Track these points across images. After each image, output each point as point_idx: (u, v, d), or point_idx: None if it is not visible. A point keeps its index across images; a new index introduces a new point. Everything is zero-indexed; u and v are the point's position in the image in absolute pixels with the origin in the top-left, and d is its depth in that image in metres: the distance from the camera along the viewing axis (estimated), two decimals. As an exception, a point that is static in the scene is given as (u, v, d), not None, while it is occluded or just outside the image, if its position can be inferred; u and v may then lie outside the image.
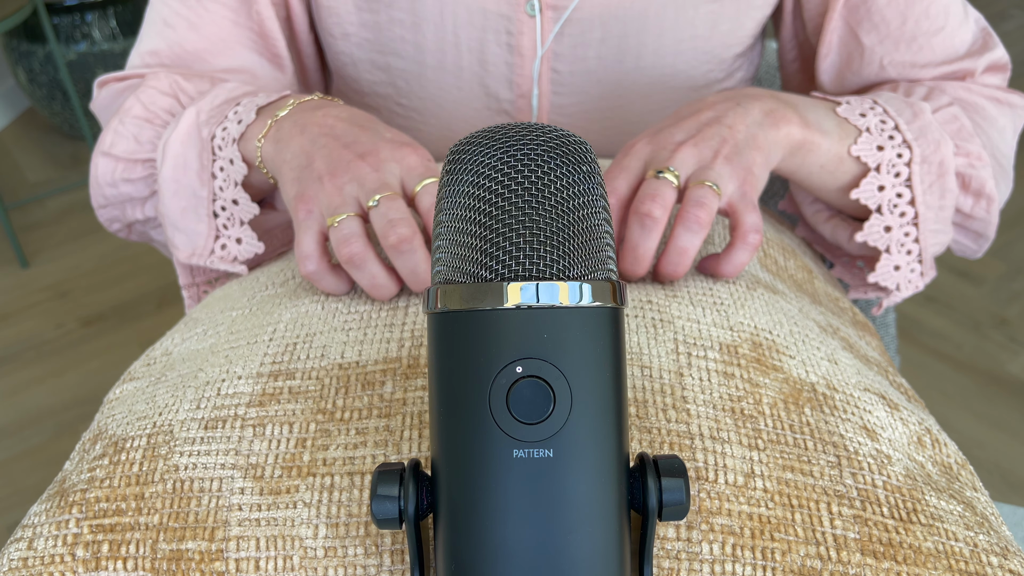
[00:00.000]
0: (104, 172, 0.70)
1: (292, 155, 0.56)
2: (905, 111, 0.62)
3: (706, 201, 0.52)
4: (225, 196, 0.63)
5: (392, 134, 0.56)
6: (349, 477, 0.42)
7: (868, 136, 0.60)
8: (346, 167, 0.53)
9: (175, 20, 0.71)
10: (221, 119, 0.62)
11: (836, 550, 0.40)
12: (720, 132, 0.56)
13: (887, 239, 0.62)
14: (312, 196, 0.53)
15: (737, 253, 0.54)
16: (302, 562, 0.40)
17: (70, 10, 2.36)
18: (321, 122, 0.57)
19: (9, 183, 2.52)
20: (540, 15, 0.69)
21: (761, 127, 0.57)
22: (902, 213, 0.61)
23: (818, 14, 0.72)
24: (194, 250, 0.65)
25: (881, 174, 0.60)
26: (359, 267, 0.51)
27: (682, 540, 0.40)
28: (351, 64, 0.76)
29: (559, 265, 0.33)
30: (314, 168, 0.54)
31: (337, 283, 0.53)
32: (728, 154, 0.55)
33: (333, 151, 0.54)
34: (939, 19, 0.68)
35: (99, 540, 0.42)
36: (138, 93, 0.69)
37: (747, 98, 0.59)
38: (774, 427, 0.45)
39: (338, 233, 0.51)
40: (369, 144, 0.54)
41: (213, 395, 0.48)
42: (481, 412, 0.32)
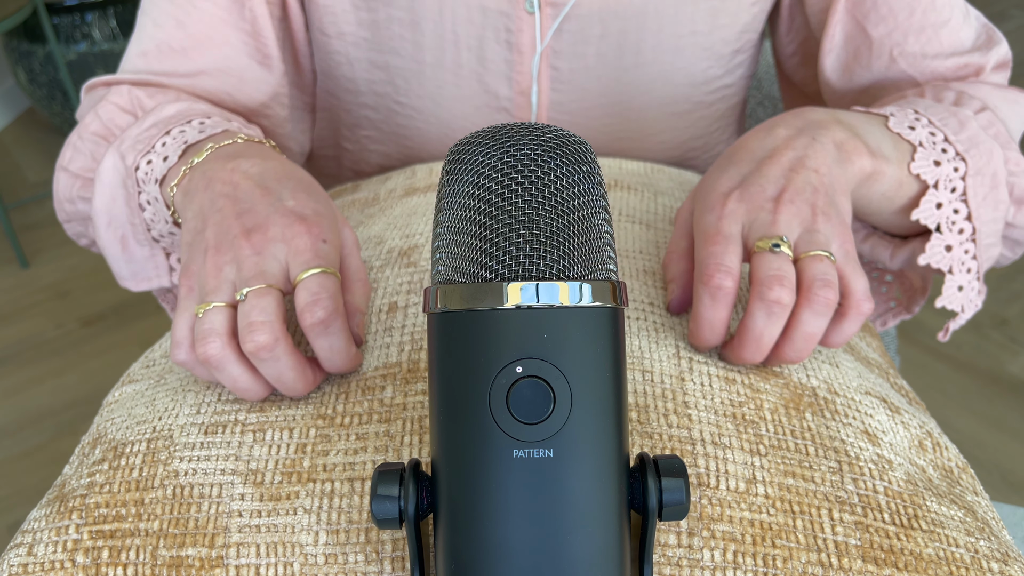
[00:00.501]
0: (63, 188, 0.68)
1: (192, 214, 0.52)
2: (950, 120, 0.59)
3: (831, 278, 0.47)
4: (158, 228, 0.60)
5: (296, 201, 0.51)
6: (349, 483, 0.42)
7: (923, 151, 0.56)
8: (230, 244, 0.48)
9: (163, 19, 0.70)
10: (147, 149, 0.59)
11: (837, 557, 0.40)
12: (809, 180, 0.51)
13: (949, 259, 0.58)
14: (195, 272, 0.49)
15: (849, 324, 0.49)
16: (302, 569, 0.40)
17: (70, 10, 2.36)
18: (227, 178, 0.52)
19: (9, 183, 2.52)
20: (539, 12, 0.69)
21: (839, 164, 0.53)
22: (960, 230, 0.58)
23: (821, 9, 0.71)
24: (147, 276, 0.64)
25: (939, 191, 0.57)
26: (217, 368, 0.46)
27: (683, 547, 0.40)
28: (346, 63, 0.75)
29: (559, 265, 0.33)
30: (204, 237, 0.49)
31: (209, 374, 0.48)
32: (824, 208, 0.50)
33: (225, 220, 0.49)
34: (945, 11, 0.68)
35: (99, 546, 0.42)
36: (97, 108, 0.67)
37: (817, 129, 0.54)
38: (775, 432, 0.45)
39: (199, 327, 0.46)
40: (261, 216, 0.49)
41: (213, 400, 0.48)
42: (481, 412, 0.32)
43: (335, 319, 0.46)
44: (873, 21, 0.68)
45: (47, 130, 2.73)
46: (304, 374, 0.46)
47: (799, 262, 0.48)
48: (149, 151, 0.59)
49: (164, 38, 0.70)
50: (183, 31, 0.70)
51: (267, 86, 0.73)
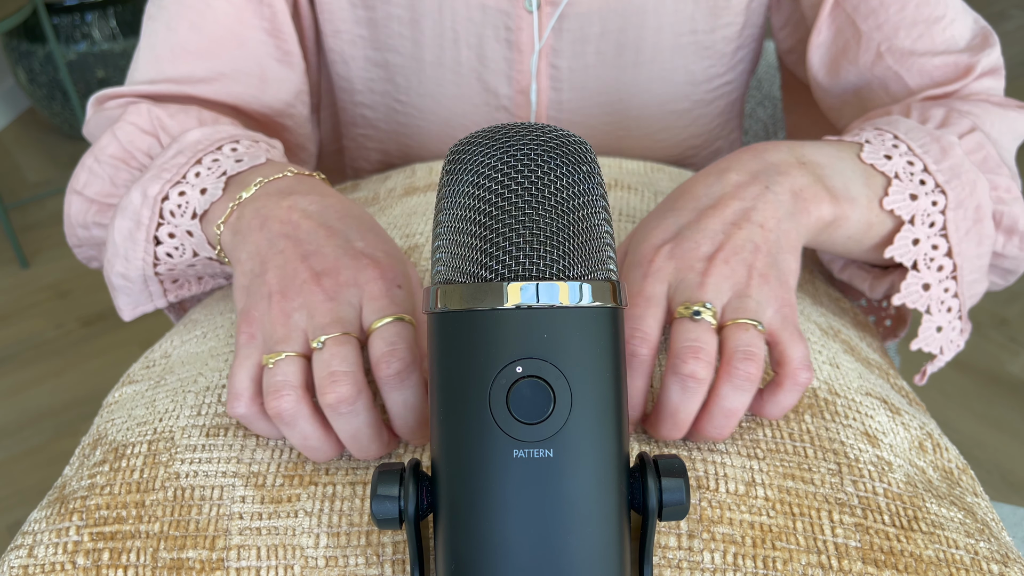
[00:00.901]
0: (77, 213, 0.64)
1: (247, 255, 0.48)
2: (932, 148, 0.55)
3: (754, 350, 0.43)
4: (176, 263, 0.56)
5: (365, 242, 0.47)
6: (351, 486, 0.42)
7: (899, 184, 0.53)
8: (298, 289, 0.44)
9: (176, 22, 0.67)
10: (177, 179, 0.55)
11: (837, 559, 0.40)
12: (752, 236, 0.47)
13: (927, 298, 0.54)
14: (257, 318, 0.45)
15: (785, 395, 0.45)
16: (303, 571, 0.40)
17: (70, 10, 2.36)
18: (285, 217, 0.48)
19: (9, 183, 2.52)
20: (539, 10, 0.69)
21: (792, 218, 0.49)
22: (939, 267, 0.54)
23: (814, 3, 0.70)
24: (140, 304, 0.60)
25: (916, 226, 0.53)
26: (288, 425, 0.42)
27: (683, 549, 0.40)
28: (341, 62, 0.75)
29: (559, 265, 0.33)
30: (265, 280, 0.46)
31: (271, 429, 0.45)
32: (763, 270, 0.46)
33: (289, 263, 0.46)
34: (939, 7, 0.65)
35: (100, 548, 0.42)
36: (115, 129, 0.63)
37: (773, 174, 0.50)
38: (773, 436, 0.45)
39: (270, 379, 0.42)
40: (331, 259, 0.45)
41: (214, 402, 0.48)
42: (481, 412, 0.32)
43: (413, 371, 0.42)
44: (863, 14, 0.66)
45: (47, 130, 2.73)
46: (380, 434, 0.43)
47: (723, 330, 0.44)
48: (180, 181, 0.54)
49: (179, 41, 0.66)
50: (199, 33, 0.66)
51: (291, 84, 0.71)
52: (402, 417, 0.43)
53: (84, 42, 2.40)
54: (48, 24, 2.10)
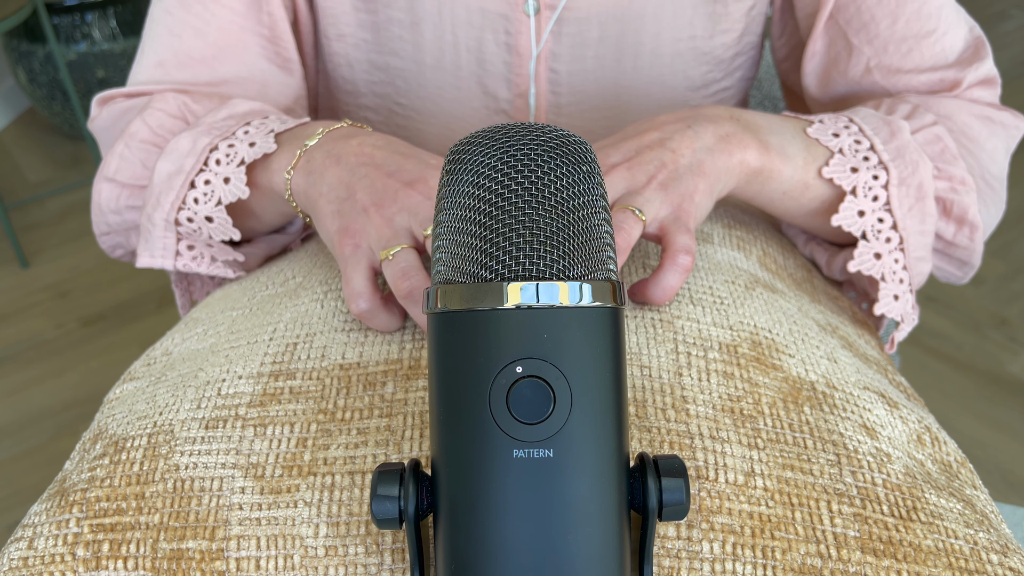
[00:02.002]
0: (108, 199, 0.66)
1: (329, 187, 0.53)
2: (882, 130, 0.59)
3: (624, 225, 0.49)
4: (199, 210, 0.59)
5: (436, 160, 0.53)
6: (350, 476, 0.42)
7: (840, 158, 0.57)
8: (393, 197, 0.50)
9: (180, 28, 0.68)
10: (227, 134, 0.59)
11: (836, 548, 0.40)
12: (660, 156, 0.53)
13: (880, 267, 0.58)
14: (359, 229, 0.50)
15: (666, 275, 0.49)
16: (303, 561, 0.40)
17: (70, 10, 2.36)
18: (358, 151, 0.53)
19: (9, 183, 2.52)
20: (538, 15, 0.69)
21: (710, 153, 0.54)
22: (887, 239, 0.58)
23: (809, 14, 0.71)
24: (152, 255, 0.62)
25: (858, 198, 0.57)
26: (418, 302, 0.47)
27: (682, 539, 0.40)
28: (346, 65, 0.76)
29: (559, 265, 0.33)
30: (357, 200, 0.51)
31: (390, 320, 0.49)
32: (664, 180, 0.52)
33: (377, 180, 0.51)
34: (930, 21, 0.66)
35: (99, 539, 0.42)
36: (144, 116, 0.65)
37: (702, 120, 0.55)
38: (774, 426, 0.45)
39: (394, 266, 0.47)
40: (415, 171, 0.51)
41: (214, 395, 0.48)
42: (481, 412, 0.32)
43: None
44: (855, 28, 0.67)
45: (47, 130, 2.73)
46: None
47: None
48: (230, 136, 0.59)
49: (183, 48, 0.68)
50: (203, 40, 0.68)
51: (290, 90, 0.72)
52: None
53: (84, 42, 2.40)
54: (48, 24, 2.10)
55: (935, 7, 0.66)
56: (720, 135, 0.55)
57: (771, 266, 0.61)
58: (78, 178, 2.51)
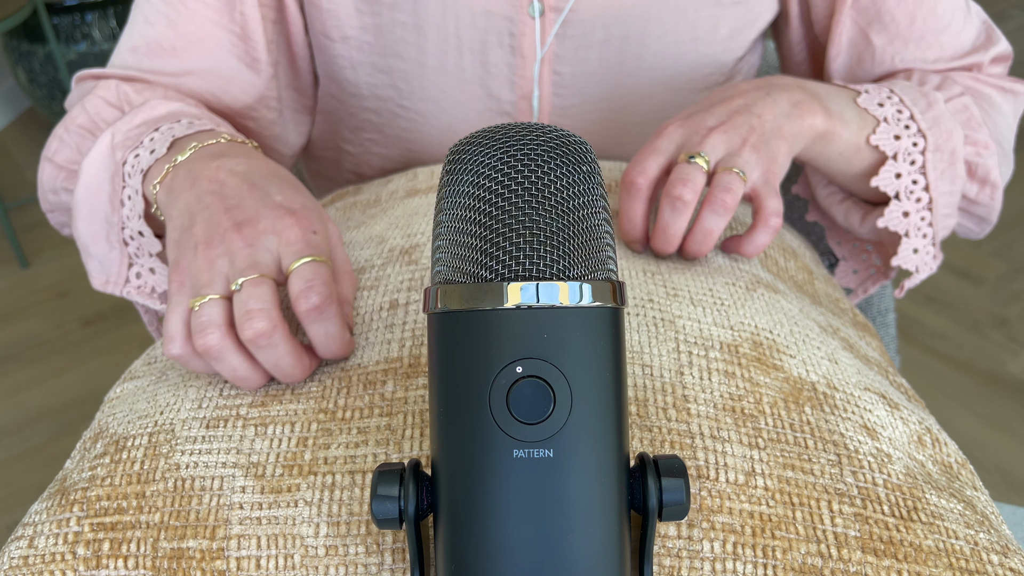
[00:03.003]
0: (48, 178, 0.69)
1: (178, 212, 0.53)
2: (920, 101, 0.64)
3: (733, 187, 0.55)
4: (131, 227, 0.60)
5: (283, 196, 0.52)
6: (350, 476, 0.42)
7: (886, 126, 0.62)
8: (221, 237, 0.49)
9: (155, 17, 0.70)
10: (136, 144, 0.60)
11: (837, 548, 0.40)
12: (749, 121, 0.58)
13: (906, 224, 0.65)
14: (185, 267, 0.49)
15: (759, 235, 0.57)
16: (303, 560, 0.40)
17: (70, 10, 2.36)
18: (213, 176, 0.53)
19: (9, 183, 2.52)
20: (542, 17, 0.69)
21: (788, 117, 0.59)
22: (918, 199, 0.64)
23: (825, 16, 0.73)
24: (108, 278, 0.63)
25: (898, 162, 0.63)
26: (217, 359, 0.46)
27: (683, 538, 0.40)
28: (349, 67, 0.75)
29: (559, 265, 0.33)
30: (193, 233, 0.50)
31: (206, 367, 0.48)
32: (755, 142, 0.57)
33: (214, 215, 0.50)
34: (945, 17, 0.70)
35: (100, 538, 0.42)
36: (84, 102, 0.68)
37: (776, 88, 0.61)
38: (774, 426, 0.45)
39: (196, 320, 0.47)
40: (251, 211, 0.50)
41: (215, 395, 0.48)
42: (481, 412, 0.32)
43: (330, 304, 0.47)
44: (876, 29, 0.71)
45: (47, 130, 2.73)
46: (301, 360, 0.47)
47: (713, 175, 0.56)
48: (137, 147, 0.60)
49: (155, 36, 0.70)
50: (174, 31, 0.70)
51: (253, 89, 0.73)
52: (325, 346, 0.47)
53: (84, 42, 2.40)
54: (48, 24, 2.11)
55: (948, 4, 0.70)
56: (793, 101, 0.60)
57: (772, 268, 0.62)
58: (78, 178, 2.51)
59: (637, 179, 0.57)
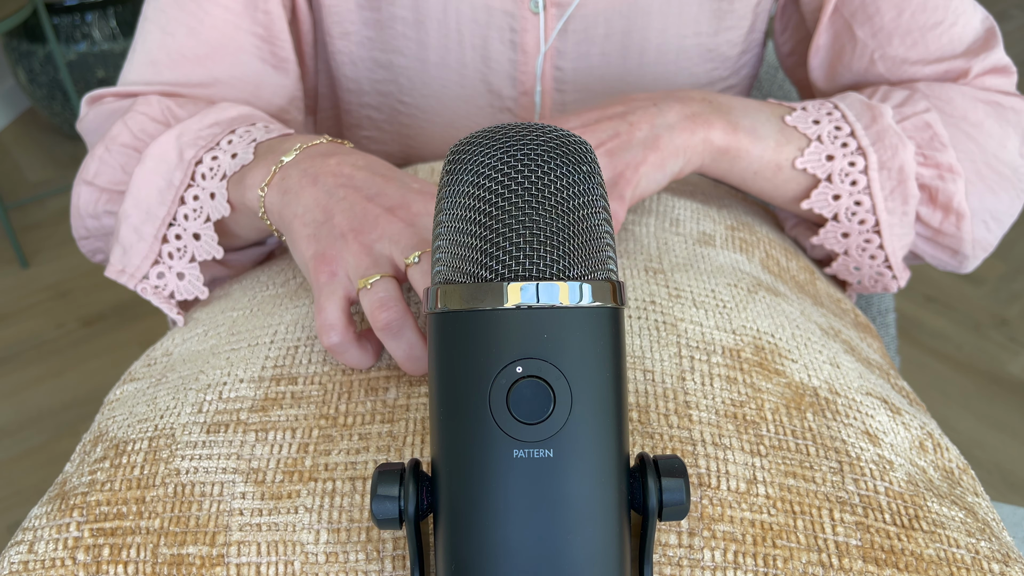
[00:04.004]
0: (87, 203, 0.65)
1: (305, 208, 0.50)
2: (864, 115, 0.60)
3: None
4: (188, 227, 0.57)
5: (419, 184, 0.51)
6: (351, 482, 0.42)
7: (818, 146, 0.59)
8: (374, 223, 0.47)
9: (173, 27, 0.67)
10: (211, 145, 0.58)
11: (838, 557, 0.40)
12: (616, 127, 0.55)
13: (845, 244, 0.62)
14: (335, 256, 0.48)
15: None
16: (303, 567, 0.40)
17: (70, 10, 2.36)
18: (336, 171, 0.51)
19: (9, 183, 2.52)
20: (544, 12, 0.69)
21: (671, 129, 0.56)
22: (861, 220, 0.60)
23: (815, 7, 0.71)
24: (124, 267, 0.59)
25: (834, 184, 0.59)
26: (396, 335, 0.45)
27: (684, 547, 0.40)
28: (350, 63, 0.75)
29: (559, 265, 0.33)
30: (335, 224, 0.48)
31: (363, 356, 0.47)
32: (612, 148, 0.54)
33: (356, 204, 0.49)
34: (937, 13, 0.65)
35: (100, 544, 0.42)
36: (126, 119, 0.64)
37: (671, 100, 0.57)
38: (776, 433, 0.45)
39: (372, 296, 0.45)
40: (397, 196, 0.49)
41: (215, 399, 0.48)
42: (481, 412, 0.32)
43: None
44: (860, 20, 0.67)
45: (47, 130, 2.73)
46: None
47: None
48: (214, 147, 0.57)
49: (176, 46, 0.67)
50: (196, 39, 0.67)
51: (284, 90, 0.71)
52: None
53: (84, 42, 2.40)
54: (48, 24, 2.10)
55: (942, 1, 0.65)
56: (686, 114, 0.56)
57: (774, 269, 0.61)
58: (78, 177, 2.51)
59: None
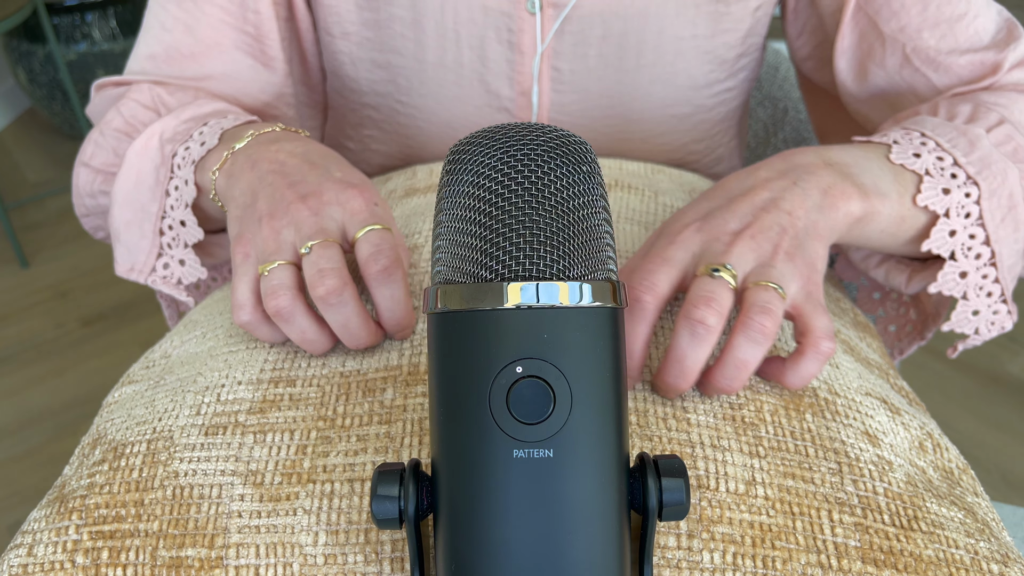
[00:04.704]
0: (84, 183, 0.71)
1: (240, 192, 0.54)
2: (960, 141, 0.57)
3: (772, 307, 0.44)
4: (174, 216, 0.61)
5: (343, 173, 0.53)
6: (349, 484, 0.42)
7: (930, 180, 0.54)
8: (285, 209, 0.50)
9: (172, 24, 0.71)
10: (185, 138, 0.62)
11: (837, 558, 0.40)
12: (779, 220, 0.49)
13: (963, 285, 0.56)
14: (249, 239, 0.51)
15: (807, 363, 0.46)
16: (302, 569, 0.40)
17: (70, 10, 2.36)
18: (272, 157, 0.55)
19: (9, 183, 2.52)
20: (540, 13, 0.69)
21: (821, 211, 0.51)
22: (977, 255, 0.55)
23: (835, 10, 0.70)
24: (133, 265, 0.64)
25: (951, 219, 0.54)
26: (287, 321, 0.48)
27: (683, 549, 0.40)
28: (350, 63, 0.76)
29: (559, 265, 0.33)
30: (256, 208, 0.52)
31: (273, 333, 0.51)
32: (789, 248, 0.48)
33: (277, 190, 0.52)
34: (960, 5, 0.65)
35: (99, 547, 0.42)
36: (119, 105, 0.69)
37: (802, 173, 0.52)
38: (775, 434, 0.45)
39: (267, 283, 0.48)
40: (314, 184, 0.52)
41: (213, 401, 0.48)
42: (481, 412, 0.32)
43: (397, 268, 0.48)
44: (885, 17, 0.66)
45: (47, 130, 2.73)
46: (368, 323, 0.48)
47: (744, 292, 0.46)
48: (187, 139, 0.62)
49: (173, 43, 0.71)
50: (192, 36, 0.71)
51: (271, 87, 0.74)
52: (390, 311, 0.49)
53: (84, 42, 2.40)
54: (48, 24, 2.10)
55: None
56: (822, 188, 0.51)
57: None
58: (78, 178, 2.51)
59: (644, 296, 0.46)
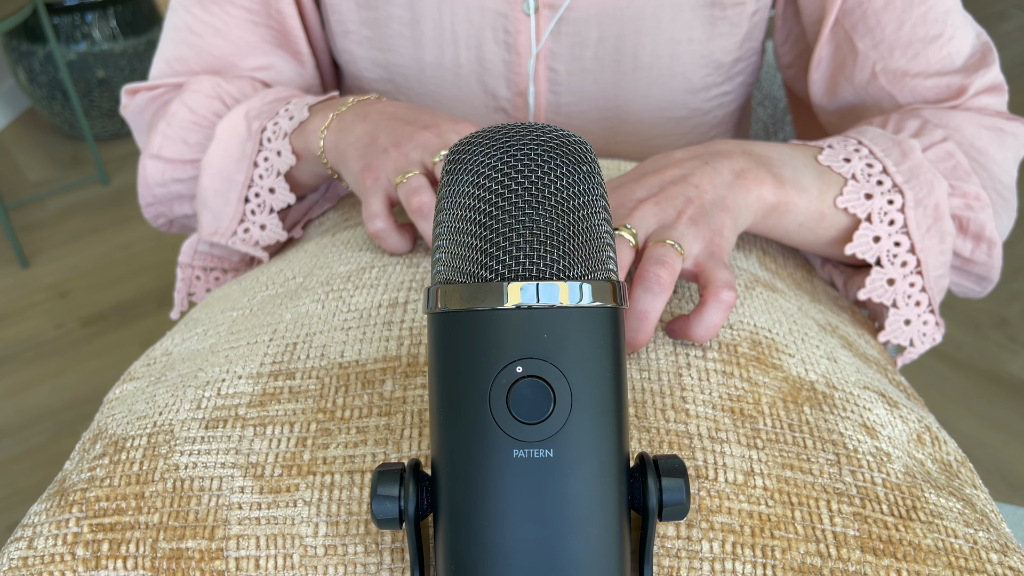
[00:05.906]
0: (154, 173, 0.75)
1: (356, 138, 0.60)
2: (893, 151, 0.58)
3: (668, 259, 0.47)
4: (263, 184, 0.67)
5: (450, 116, 0.60)
6: (349, 475, 0.42)
7: (854, 184, 0.56)
8: (410, 137, 0.57)
9: (200, 28, 0.74)
10: (272, 115, 0.67)
11: (836, 547, 0.40)
12: (686, 192, 0.51)
13: (892, 292, 0.58)
14: (378, 165, 0.57)
15: (710, 312, 0.47)
16: (302, 560, 0.40)
17: (70, 10, 2.36)
18: (382, 110, 0.61)
19: (9, 183, 2.52)
20: (536, 14, 0.69)
21: (731, 188, 0.53)
22: (903, 263, 0.57)
23: (816, 20, 0.70)
24: (217, 228, 0.69)
25: (873, 224, 0.56)
26: (428, 216, 0.53)
27: (682, 538, 0.40)
28: (352, 61, 0.76)
29: (559, 265, 0.33)
30: (379, 143, 0.58)
31: (401, 241, 0.56)
32: (693, 215, 0.50)
33: (396, 127, 0.58)
34: (936, 26, 0.65)
35: (99, 539, 0.42)
36: (183, 97, 0.73)
37: (717, 156, 0.54)
38: (773, 426, 0.45)
39: (407, 186, 0.54)
40: (430, 119, 0.59)
41: (213, 395, 0.48)
42: (481, 412, 0.32)
43: None
44: (860, 32, 0.67)
45: (47, 130, 2.73)
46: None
47: (644, 250, 0.48)
48: (274, 116, 0.67)
49: (205, 46, 0.74)
50: (223, 38, 0.74)
51: (303, 80, 0.78)
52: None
53: (84, 42, 2.40)
54: (48, 24, 2.11)
55: (941, 11, 0.65)
56: (736, 171, 0.54)
57: (771, 266, 0.61)
58: (78, 178, 2.51)
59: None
